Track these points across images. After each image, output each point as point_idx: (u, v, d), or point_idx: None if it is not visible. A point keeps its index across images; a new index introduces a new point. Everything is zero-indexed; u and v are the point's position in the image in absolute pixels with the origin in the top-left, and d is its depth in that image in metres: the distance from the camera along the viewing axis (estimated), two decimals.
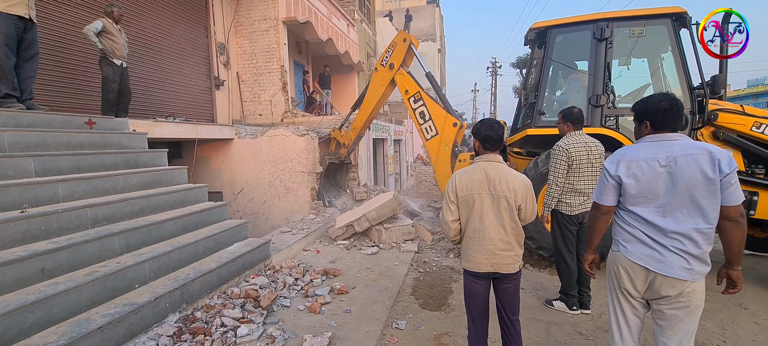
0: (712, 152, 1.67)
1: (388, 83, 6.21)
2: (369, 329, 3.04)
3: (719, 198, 1.66)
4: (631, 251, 1.84)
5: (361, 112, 6.74)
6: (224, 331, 2.88)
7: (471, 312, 2.26)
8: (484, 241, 2.09)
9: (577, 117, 3.32)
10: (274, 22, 8.65)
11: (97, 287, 2.71)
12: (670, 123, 1.81)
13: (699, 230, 1.69)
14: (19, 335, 2.25)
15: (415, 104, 5.82)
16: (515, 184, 2.08)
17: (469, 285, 2.24)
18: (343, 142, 7.26)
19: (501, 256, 2.10)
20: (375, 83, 6.36)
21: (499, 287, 2.21)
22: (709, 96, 4.05)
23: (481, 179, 2.10)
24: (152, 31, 6.66)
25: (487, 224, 2.08)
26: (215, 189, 6.99)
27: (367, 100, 6.52)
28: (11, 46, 3.74)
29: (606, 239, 4.15)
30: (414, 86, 5.92)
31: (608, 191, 1.91)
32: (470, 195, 2.11)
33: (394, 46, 6.01)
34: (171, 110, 6.83)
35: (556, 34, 4.63)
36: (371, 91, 6.44)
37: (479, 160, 2.18)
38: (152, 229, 3.51)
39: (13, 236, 2.69)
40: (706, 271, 1.73)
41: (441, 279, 4.25)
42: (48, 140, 3.61)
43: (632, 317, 1.92)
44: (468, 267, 2.19)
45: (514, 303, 2.22)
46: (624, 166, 1.84)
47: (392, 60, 6.04)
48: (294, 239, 5.18)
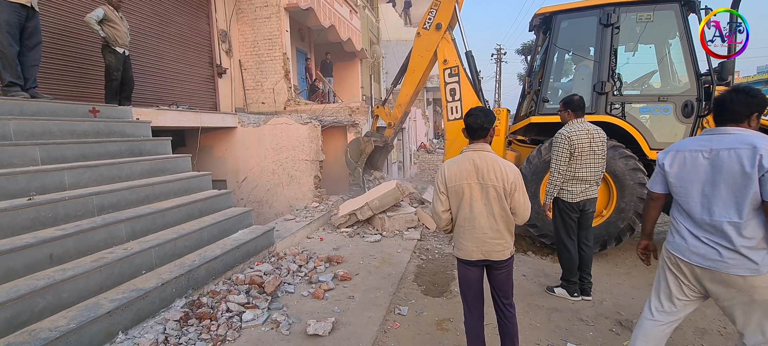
0: (756, 147, 1.64)
1: (435, 48, 5.47)
2: (372, 315, 3.08)
3: (756, 192, 1.64)
4: (671, 242, 1.93)
5: (406, 84, 5.93)
6: (230, 316, 2.93)
7: (466, 299, 2.30)
8: (475, 229, 2.12)
9: (578, 104, 3.29)
10: (276, 8, 8.57)
11: (105, 273, 2.76)
12: (729, 117, 1.80)
13: (732, 223, 1.70)
14: (30, 319, 2.31)
15: (450, 79, 5.34)
16: (504, 172, 2.08)
17: (463, 273, 2.27)
18: (389, 122, 6.52)
19: (491, 244, 2.12)
20: (420, 49, 5.62)
21: (492, 274, 2.25)
22: (716, 83, 3.99)
23: (469, 168, 2.11)
24: (153, 19, 6.62)
25: (477, 213, 2.10)
26: (219, 177, 7.03)
27: (412, 69, 5.75)
28: (13, 34, 3.75)
29: (607, 226, 4.16)
30: (455, 58, 5.33)
31: (657, 179, 2.01)
32: (459, 185, 2.13)
33: (438, 4, 5.35)
34: (174, 99, 6.84)
35: (561, 20, 4.56)
36: (416, 59, 5.68)
37: (467, 150, 2.19)
38: (157, 216, 3.55)
39: (22, 222, 2.74)
40: (749, 265, 1.68)
41: (443, 266, 4.28)
42: (53, 129, 3.64)
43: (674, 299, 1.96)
44: (460, 255, 2.22)
45: (508, 288, 2.26)
46: (670, 156, 1.91)
47: (439, 19, 5.31)
48: (298, 226, 5.22)
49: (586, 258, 3.44)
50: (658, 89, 4.56)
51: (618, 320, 3.08)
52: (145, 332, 2.63)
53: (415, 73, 5.79)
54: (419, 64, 5.70)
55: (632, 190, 4.03)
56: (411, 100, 6.13)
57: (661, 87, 4.58)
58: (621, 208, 4.09)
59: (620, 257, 4.49)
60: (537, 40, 5.22)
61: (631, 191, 4.03)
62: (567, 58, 5.09)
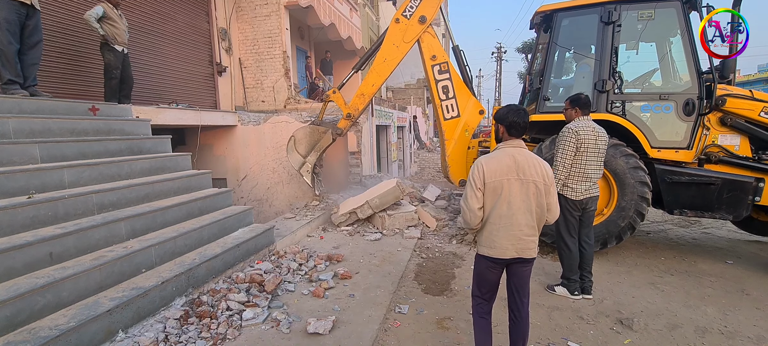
0: None
1: (413, 41, 5.04)
2: (372, 314, 3.08)
3: None
4: None
5: (374, 73, 5.35)
6: (230, 314, 2.93)
7: (481, 290, 2.28)
8: (512, 226, 2.09)
9: (585, 102, 3.30)
10: (276, 6, 8.55)
11: (105, 272, 2.75)
12: None
13: None
14: (30, 317, 2.30)
15: (440, 76, 5.03)
16: (543, 168, 2.11)
17: (485, 271, 2.23)
18: (347, 113, 5.79)
19: (526, 241, 2.11)
20: (395, 38, 5.11)
21: (518, 271, 2.22)
22: (717, 81, 3.99)
23: (510, 164, 2.10)
24: (153, 17, 6.61)
25: (516, 209, 2.08)
26: (219, 176, 7.03)
27: (383, 58, 5.17)
28: (13, 32, 3.74)
29: (608, 225, 4.15)
30: (443, 54, 5.02)
31: None
32: (499, 181, 2.09)
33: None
34: (173, 97, 6.83)
35: (562, 18, 4.54)
36: (390, 48, 5.11)
37: (505, 146, 2.18)
38: (157, 215, 3.55)
39: (22, 221, 2.73)
40: None
41: (443, 265, 4.28)
42: (52, 127, 3.63)
43: None
44: (491, 254, 2.16)
45: (527, 287, 2.27)
46: None
47: (423, 11, 4.90)
48: (298, 225, 5.21)
49: (587, 257, 3.44)
50: (659, 87, 4.55)
51: (619, 318, 3.08)
52: (145, 331, 2.63)
53: (387, 63, 5.22)
54: (393, 54, 5.17)
55: (633, 188, 4.02)
56: (376, 91, 5.58)
57: (662, 85, 4.57)
58: (622, 206, 4.09)
59: (621, 256, 4.49)
60: (538, 39, 5.20)
61: (632, 190, 4.02)
62: (568, 56, 5.07)
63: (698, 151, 4.13)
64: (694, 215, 4.12)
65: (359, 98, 5.62)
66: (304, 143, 5.97)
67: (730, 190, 3.92)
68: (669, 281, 3.83)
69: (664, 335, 2.86)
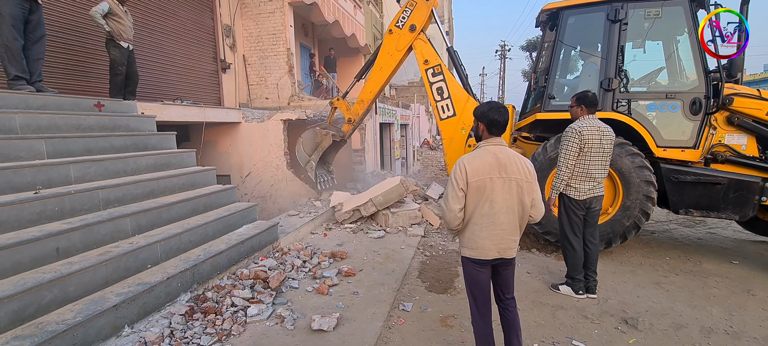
0: None
1: (406, 49, 5.41)
2: (376, 311, 3.08)
3: None
4: None
5: (372, 81, 5.81)
6: (235, 311, 2.94)
7: (476, 300, 2.24)
8: (494, 226, 2.07)
9: (592, 101, 3.28)
10: (280, 3, 8.55)
11: (111, 267, 2.77)
12: None
13: None
14: (37, 312, 2.32)
15: (434, 78, 5.29)
16: (525, 166, 2.10)
17: (473, 274, 2.21)
18: (349, 118, 6.27)
19: (508, 241, 2.10)
20: (389, 48, 5.53)
21: (499, 272, 2.23)
22: (724, 80, 3.95)
23: (492, 163, 2.07)
24: (158, 14, 6.62)
25: (498, 208, 2.06)
26: (223, 172, 7.05)
27: (379, 67, 5.63)
28: (18, 27, 3.75)
29: (612, 224, 4.13)
30: (435, 57, 5.30)
31: None
32: (482, 180, 2.06)
33: (413, 4, 5.28)
34: (178, 93, 6.84)
35: (568, 16, 4.51)
36: (385, 57, 5.57)
37: (487, 145, 2.15)
38: (163, 211, 3.56)
39: (28, 216, 2.75)
40: None
41: (447, 263, 4.28)
42: (58, 123, 3.65)
43: None
44: (473, 255, 2.14)
45: (512, 284, 2.27)
46: None
47: (413, 21, 5.25)
48: (301, 222, 5.22)
49: (591, 256, 3.42)
50: (665, 86, 4.52)
51: (623, 318, 3.07)
52: (150, 326, 2.64)
53: (382, 71, 5.67)
54: (388, 62, 5.61)
55: (638, 188, 4.00)
56: (375, 97, 6.00)
57: (669, 84, 4.53)
58: (627, 206, 4.07)
59: (625, 255, 4.47)
60: (543, 37, 5.18)
61: (638, 189, 4.00)
62: (573, 54, 5.04)
63: (705, 150, 4.11)
64: (700, 215, 4.10)
65: (359, 104, 6.10)
66: (309, 143, 6.43)
67: (737, 190, 3.89)
68: (674, 280, 3.82)
69: (669, 335, 2.85)
